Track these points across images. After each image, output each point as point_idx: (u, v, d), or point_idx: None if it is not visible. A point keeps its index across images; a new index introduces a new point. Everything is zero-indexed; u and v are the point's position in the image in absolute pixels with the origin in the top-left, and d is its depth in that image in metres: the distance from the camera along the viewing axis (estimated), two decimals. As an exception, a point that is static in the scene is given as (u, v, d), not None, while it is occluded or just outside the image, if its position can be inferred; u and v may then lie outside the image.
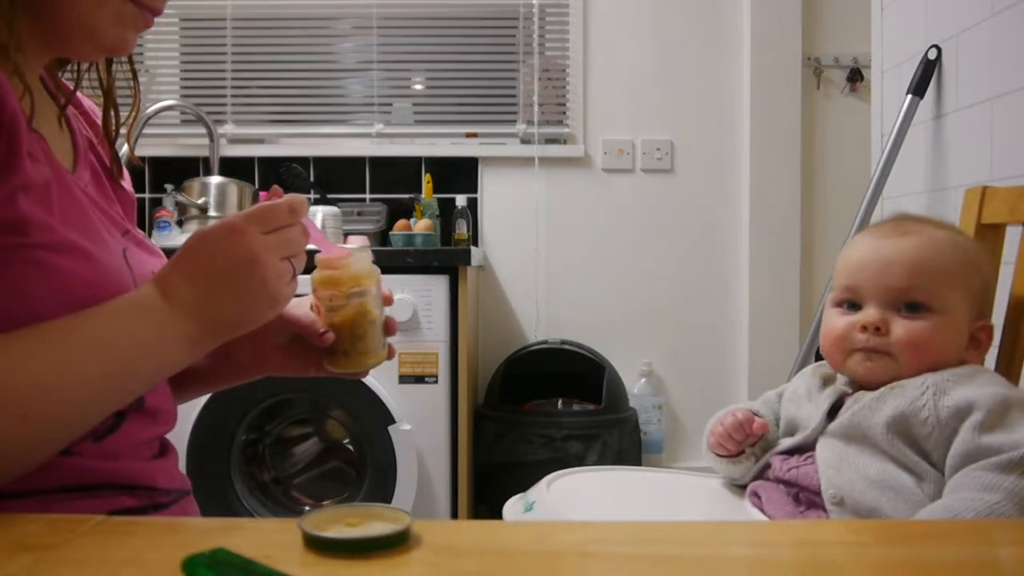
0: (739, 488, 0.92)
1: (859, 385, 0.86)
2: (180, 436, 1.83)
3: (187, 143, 2.65)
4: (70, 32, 0.66)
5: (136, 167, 2.51)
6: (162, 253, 0.79)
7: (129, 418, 0.67)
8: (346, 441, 2.19)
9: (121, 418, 0.66)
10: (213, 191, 2.24)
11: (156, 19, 0.69)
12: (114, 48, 0.68)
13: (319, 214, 2.32)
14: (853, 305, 0.87)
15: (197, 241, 0.63)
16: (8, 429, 0.55)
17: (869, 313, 0.84)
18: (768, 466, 0.88)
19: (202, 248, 0.63)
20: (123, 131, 0.78)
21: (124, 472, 0.66)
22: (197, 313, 0.62)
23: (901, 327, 0.83)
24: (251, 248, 0.62)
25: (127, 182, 0.81)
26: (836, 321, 0.87)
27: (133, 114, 0.77)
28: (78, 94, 0.76)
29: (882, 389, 0.81)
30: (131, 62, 0.76)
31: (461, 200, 2.52)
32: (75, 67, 0.76)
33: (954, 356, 0.83)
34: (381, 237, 2.50)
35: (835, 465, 0.80)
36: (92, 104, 0.80)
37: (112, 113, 0.76)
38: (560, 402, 2.41)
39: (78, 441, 0.62)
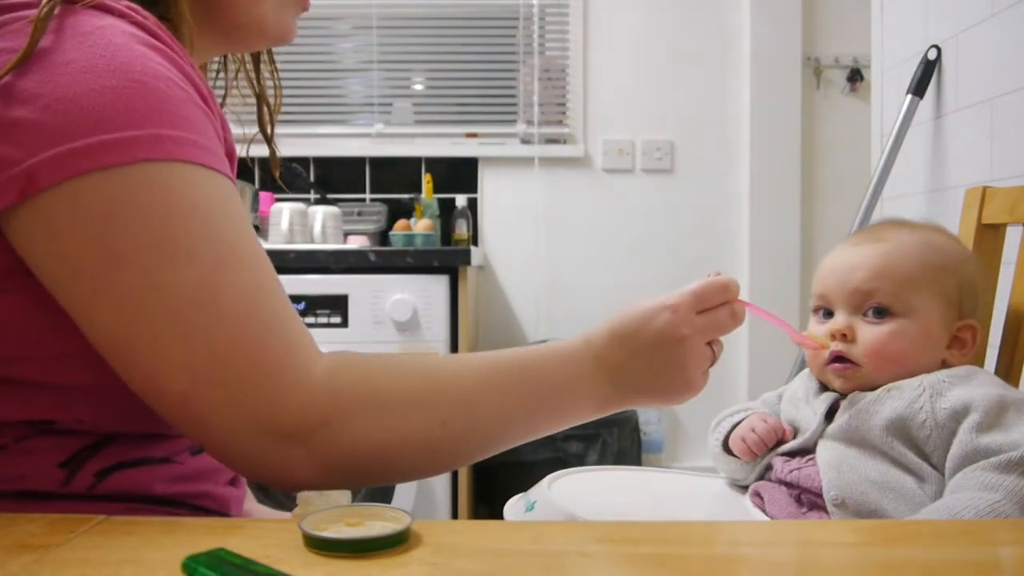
0: (740, 488, 0.92)
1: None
2: (180, 436, 1.82)
3: (187, 143, 2.64)
4: (239, 28, 0.68)
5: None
6: None
7: None
8: (346, 441, 2.19)
9: None
10: (213, 191, 2.24)
11: None
12: (281, 36, 0.70)
13: (319, 214, 2.32)
14: (828, 313, 0.88)
15: (635, 309, 0.66)
16: (429, 432, 0.58)
17: (836, 320, 0.85)
18: (770, 467, 0.88)
19: (637, 316, 0.66)
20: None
21: (206, 493, 0.65)
22: (616, 376, 0.65)
23: (865, 333, 0.83)
24: (679, 327, 0.65)
25: None
26: (812, 330, 0.89)
27: (276, 112, 0.82)
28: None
29: (879, 391, 0.81)
30: (272, 61, 0.82)
31: (461, 200, 2.52)
32: (224, 72, 0.80)
33: (928, 359, 0.83)
34: (381, 237, 2.50)
35: (836, 467, 0.80)
36: (224, 115, 0.82)
37: (266, 111, 0.80)
38: (560, 402, 2.40)
39: (179, 450, 0.62)
